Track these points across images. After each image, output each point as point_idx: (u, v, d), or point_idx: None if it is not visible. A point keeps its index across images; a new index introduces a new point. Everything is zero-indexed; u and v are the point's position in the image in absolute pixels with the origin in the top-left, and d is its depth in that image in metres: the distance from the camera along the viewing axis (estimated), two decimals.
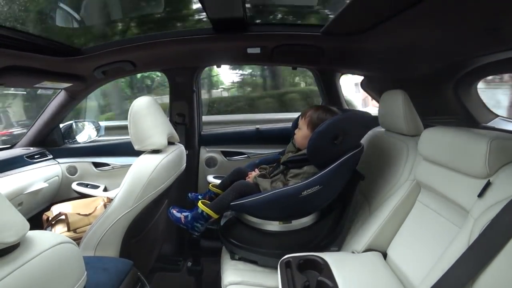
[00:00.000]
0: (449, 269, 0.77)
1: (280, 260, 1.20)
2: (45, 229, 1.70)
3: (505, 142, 0.91)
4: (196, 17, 1.91)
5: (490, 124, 1.72)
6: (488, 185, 0.88)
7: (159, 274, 2.06)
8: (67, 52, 1.72)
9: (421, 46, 1.42)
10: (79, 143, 2.44)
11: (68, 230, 1.68)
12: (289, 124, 1.72)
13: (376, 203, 1.42)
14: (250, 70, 5.65)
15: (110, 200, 1.94)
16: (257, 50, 1.82)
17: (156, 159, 1.39)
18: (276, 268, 1.19)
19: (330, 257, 1.19)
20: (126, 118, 1.43)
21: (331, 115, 1.39)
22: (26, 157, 2.04)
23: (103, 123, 2.42)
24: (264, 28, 1.75)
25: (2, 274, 0.54)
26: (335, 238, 1.42)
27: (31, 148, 2.18)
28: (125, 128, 1.47)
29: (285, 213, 1.36)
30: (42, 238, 0.66)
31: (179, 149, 1.62)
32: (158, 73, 4.86)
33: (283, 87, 5.57)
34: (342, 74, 2.25)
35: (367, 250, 1.29)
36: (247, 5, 1.53)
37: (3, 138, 5.15)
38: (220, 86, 6.06)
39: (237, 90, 6.02)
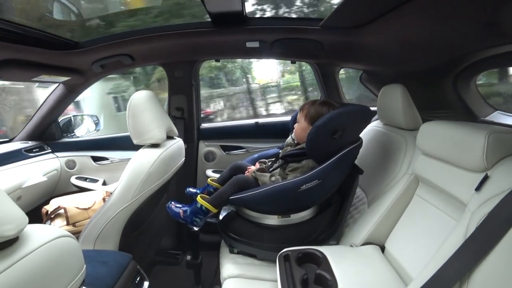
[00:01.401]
0: (446, 262, 0.77)
1: (279, 254, 1.21)
2: (44, 223, 1.70)
3: (503, 136, 0.91)
4: None
5: (489, 118, 1.72)
6: (485, 178, 0.88)
7: (158, 267, 2.07)
8: (65, 46, 1.71)
9: (420, 40, 1.41)
10: (78, 137, 2.44)
11: (67, 224, 1.69)
12: (288, 118, 1.72)
13: (374, 197, 1.42)
14: None
15: (109, 194, 1.94)
16: (256, 44, 1.81)
17: (155, 153, 1.39)
18: (275, 262, 1.20)
19: (328, 251, 1.20)
20: None
21: (329, 109, 1.38)
22: (24, 150, 2.04)
23: None
24: (263, 22, 1.74)
25: (1, 268, 0.55)
26: (333, 232, 1.42)
27: (30, 142, 2.18)
28: None
29: (284, 207, 1.37)
30: (41, 232, 0.66)
31: (178, 143, 1.62)
32: None
33: None
34: (341, 68, 2.24)
35: (365, 243, 1.30)
36: None
37: None
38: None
39: None
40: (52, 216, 1.72)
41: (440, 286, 0.76)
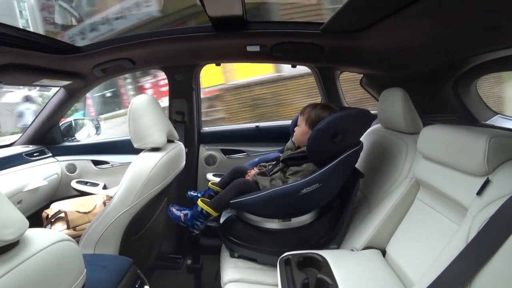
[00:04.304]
0: (448, 266, 0.77)
1: (280, 258, 1.21)
2: (45, 227, 1.70)
3: (504, 140, 0.91)
4: None
5: (490, 122, 1.72)
6: (487, 183, 0.88)
7: (158, 272, 2.06)
8: (66, 50, 1.72)
9: (421, 44, 1.42)
10: (79, 141, 2.45)
11: (68, 228, 1.68)
12: (289, 122, 1.72)
13: (375, 201, 1.42)
14: None
15: (109, 198, 1.94)
16: (256, 48, 1.81)
17: (156, 157, 1.39)
18: (276, 266, 1.19)
19: (329, 255, 1.19)
20: None
21: (329, 113, 1.39)
22: (25, 155, 2.04)
23: None
24: (264, 26, 1.74)
25: (1, 272, 0.54)
26: (334, 236, 1.42)
27: (30, 146, 2.18)
28: None
29: (284, 210, 1.36)
30: (41, 236, 0.66)
31: (179, 147, 1.62)
32: None
33: None
34: (342, 72, 2.24)
35: (366, 247, 1.30)
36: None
37: None
38: None
39: None
40: (53, 220, 1.72)
41: None
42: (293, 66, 2.22)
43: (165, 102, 2.23)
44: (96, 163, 2.30)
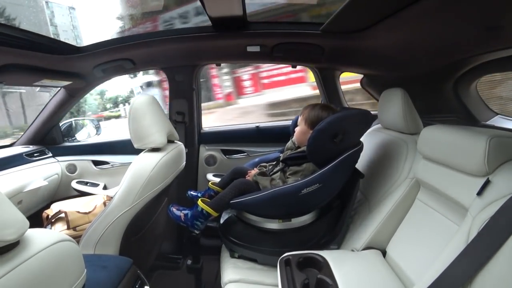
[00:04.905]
0: (448, 266, 0.77)
1: (280, 258, 1.21)
2: (45, 227, 1.70)
3: (504, 140, 0.91)
4: None
5: (490, 122, 1.71)
6: (487, 183, 0.88)
7: (158, 272, 2.06)
8: (66, 50, 1.72)
9: (421, 44, 1.42)
10: (79, 141, 2.45)
11: (68, 228, 1.68)
12: (289, 123, 1.72)
13: (375, 201, 1.42)
14: None
15: (109, 198, 1.94)
16: (256, 49, 1.81)
17: (156, 157, 1.39)
18: (276, 266, 1.19)
19: (329, 255, 1.19)
20: None
21: (328, 113, 1.39)
22: (25, 155, 2.05)
23: None
24: (264, 27, 1.74)
25: (2, 272, 0.55)
26: (334, 236, 1.42)
27: (31, 146, 2.18)
28: None
29: (284, 211, 1.36)
30: (41, 236, 0.66)
31: (179, 147, 1.62)
32: None
33: None
34: (342, 72, 2.24)
35: (367, 248, 1.30)
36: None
37: None
38: None
39: None
40: (53, 220, 1.72)
41: None
42: (293, 67, 2.22)
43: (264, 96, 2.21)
44: (96, 163, 2.30)
